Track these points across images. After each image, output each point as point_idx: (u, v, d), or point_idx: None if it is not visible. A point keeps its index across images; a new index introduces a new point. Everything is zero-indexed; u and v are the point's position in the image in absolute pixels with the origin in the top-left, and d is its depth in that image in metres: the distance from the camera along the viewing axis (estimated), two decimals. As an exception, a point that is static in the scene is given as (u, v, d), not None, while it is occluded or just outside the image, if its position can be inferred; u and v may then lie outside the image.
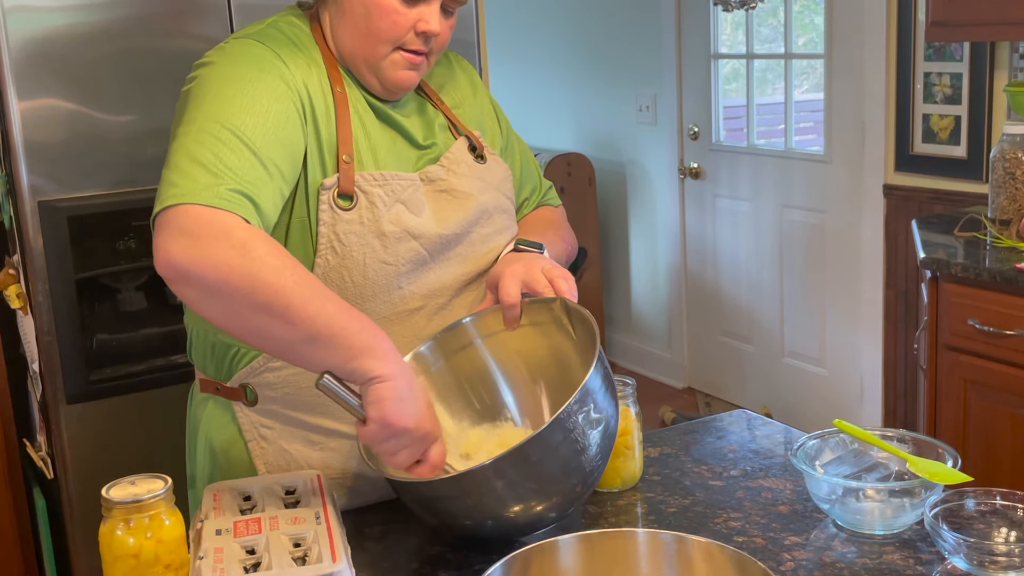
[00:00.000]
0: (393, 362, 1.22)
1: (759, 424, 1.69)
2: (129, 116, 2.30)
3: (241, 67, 1.35)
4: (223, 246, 1.19)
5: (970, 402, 2.62)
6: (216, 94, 1.32)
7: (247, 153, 1.27)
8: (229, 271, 1.18)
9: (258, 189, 1.26)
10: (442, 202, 1.46)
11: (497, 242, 1.52)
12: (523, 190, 1.67)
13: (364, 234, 1.38)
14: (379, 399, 1.20)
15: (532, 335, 1.45)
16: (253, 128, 1.29)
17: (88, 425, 2.32)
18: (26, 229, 2.23)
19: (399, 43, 1.41)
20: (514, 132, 1.69)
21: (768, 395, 4.34)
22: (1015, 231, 2.70)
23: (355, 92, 1.45)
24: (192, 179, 1.23)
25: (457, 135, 1.54)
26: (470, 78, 1.64)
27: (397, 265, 1.40)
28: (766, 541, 1.29)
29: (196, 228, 1.20)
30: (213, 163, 1.25)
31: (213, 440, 1.49)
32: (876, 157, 3.63)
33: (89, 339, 2.34)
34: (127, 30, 2.27)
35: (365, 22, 1.40)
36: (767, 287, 4.28)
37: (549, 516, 1.27)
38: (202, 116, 1.30)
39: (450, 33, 1.47)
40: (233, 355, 1.44)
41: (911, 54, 3.44)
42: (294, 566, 1.12)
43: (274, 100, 1.33)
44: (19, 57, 2.17)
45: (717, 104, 4.42)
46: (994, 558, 1.17)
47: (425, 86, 1.56)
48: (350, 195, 1.38)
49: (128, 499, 1.13)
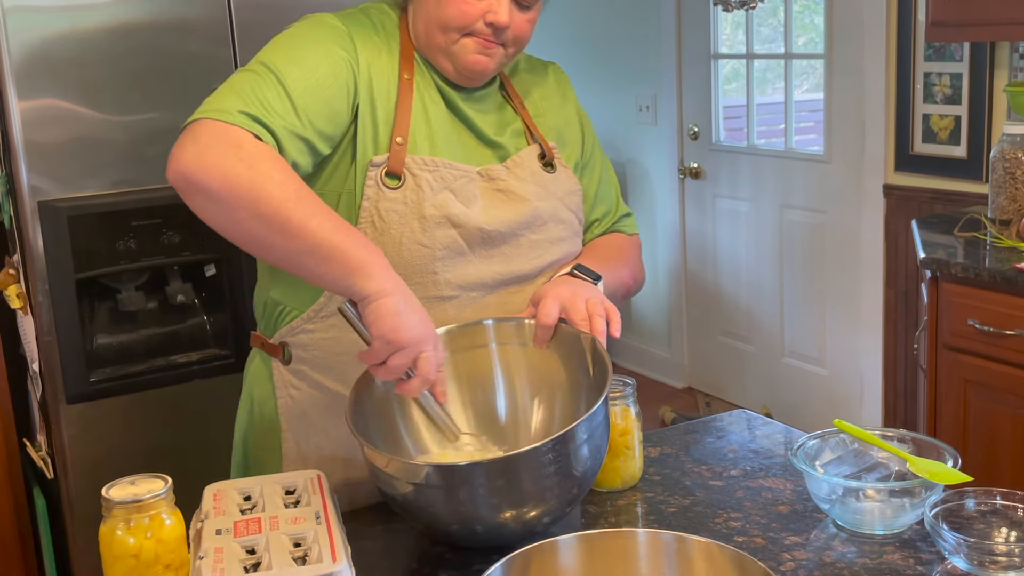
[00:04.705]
0: (387, 278, 1.27)
1: (759, 424, 1.69)
2: (129, 116, 2.30)
3: (309, 30, 1.44)
4: (232, 157, 1.25)
5: (970, 402, 2.62)
6: (276, 45, 1.42)
7: (282, 94, 1.35)
8: (236, 180, 1.24)
9: (283, 127, 1.33)
10: (496, 200, 1.49)
11: (548, 251, 1.52)
12: (595, 210, 1.66)
13: (405, 214, 1.42)
14: (378, 316, 1.24)
15: (550, 359, 1.44)
16: (296, 77, 1.36)
17: (88, 425, 2.32)
18: (26, 229, 2.23)
19: (468, 31, 1.44)
20: (601, 152, 1.70)
21: (768, 395, 4.34)
22: (1015, 231, 2.69)
23: (427, 80, 1.49)
24: (221, 100, 1.32)
25: (531, 141, 1.55)
26: (562, 91, 1.65)
27: (433, 249, 1.43)
28: (766, 541, 1.29)
29: (210, 139, 1.27)
30: (247, 93, 1.33)
31: (253, 393, 1.58)
32: (876, 157, 3.63)
33: (89, 339, 2.34)
34: (127, 30, 2.27)
35: (436, 10, 1.44)
36: (767, 287, 4.28)
37: (512, 529, 1.25)
38: (256, 60, 1.40)
39: (528, 28, 1.48)
40: (279, 313, 1.50)
41: (911, 54, 3.44)
42: (294, 566, 1.12)
43: (326, 63, 1.40)
44: (19, 57, 2.17)
45: (717, 104, 4.42)
46: (994, 558, 1.17)
47: (510, 87, 1.58)
48: (398, 175, 1.42)
49: (128, 499, 1.13)
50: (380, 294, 1.25)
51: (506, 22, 1.43)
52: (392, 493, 1.26)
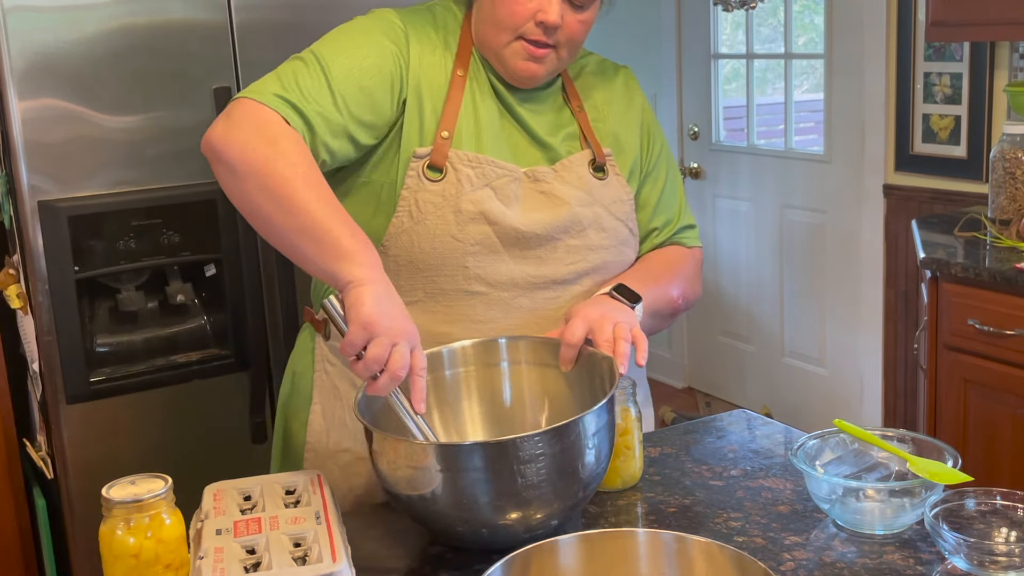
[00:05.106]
0: (372, 269, 1.28)
1: (759, 424, 1.69)
2: (129, 116, 2.30)
3: (364, 23, 1.50)
4: (255, 134, 1.33)
5: (970, 402, 2.62)
6: (330, 35, 1.48)
7: (322, 82, 1.41)
8: (252, 154, 1.32)
9: (316, 113, 1.39)
10: (537, 201, 1.49)
11: (586, 258, 1.51)
12: (655, 218, 1.64)
13: (442, 206, 1.44)
14: (356, 301, 1.24)
15: (568, 379, 1.43)
16: (339, 66, 1.42)
17: (88, 425, 2.32)
18: (26, 229, 2.23)
19: (519, 32, 1.45)
20: (669, 162, 1.67)
21: (768, 395, 4.34)
22: (1015, 231, 2.69)
23: (482, 78, 1.51)
24: (264, 83, 1.40)
25: (584, 146, 1.55)
26: (628, 96, 1.63)
27: (465, 244, 1.44)
28: (766, 541, 1.29)
29: (241, 116, 1.36)
30: (287, 78, 1.40)
31: (295, 364, 1.64)
32: (876, 157, 3.63)
33: (89, 339, 2.34)
34: (127, 30, 2.26)
35: (490, 10, 1.47)
36: (767, 287, 4.28)
37: (516, 532, 1.24)
38: (309, 48, 1.46)
39: (581, 30, 1.48)
40: (325, 289, 1.52)
41: (911, 54, 3.44)
42: (294, 566, 1.12)
43: (373, 54, 1.45)
44: (19, 57, 2.17)
45: (717, 104, 4.42)
46: (994, 558, 1.17)
47: (570, 89, 1.58)
48: (440, 168, 1.45)
49: (128, 499, 1.13)
50: (362, 282, 1.25)
51: (556, 21, 1.43)
52: (394, 486, 1.25)
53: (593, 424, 1.24)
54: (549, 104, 1.56)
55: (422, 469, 1.20)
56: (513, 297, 1.48)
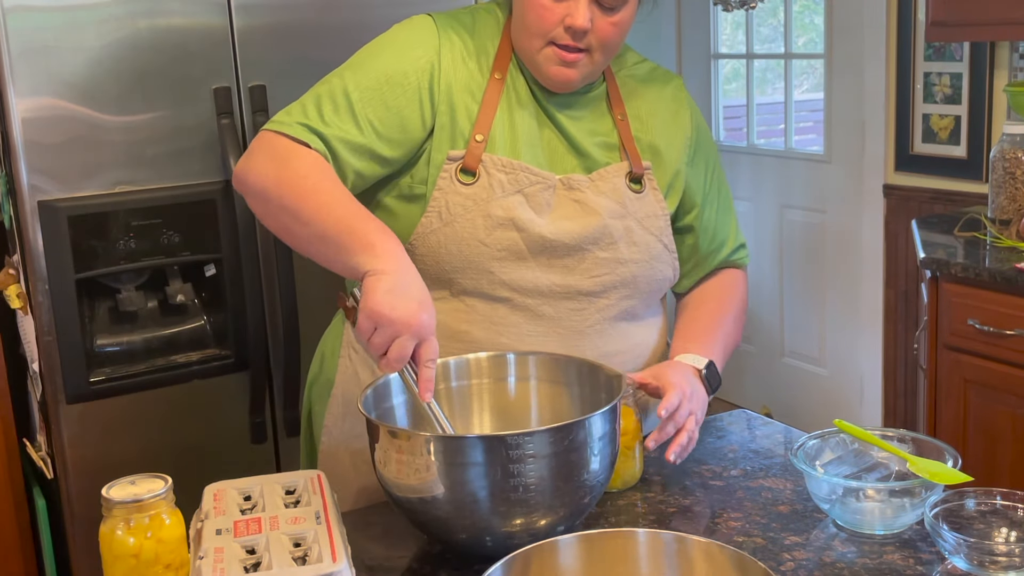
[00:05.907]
0: (391, 259, 1.28)
1: (759, 424, 1.69)
2: (129, 116, 2.30)
3: (396, 33, 1.51)
4: (268, 160, 1.39)
5: (970, 402, 2.62)
6: (361, 52, 1.50)
7: (344, 104, 1.43)
8: (265, 178, 1.37)
9: (337, 137, 1.42)
10: (569, 210, 1.48)
11: (615, 271, 1.50)
12: (714, 242, 1.65)
13: (472, 210, 1.44)
14: (369, 290, 1.25)
15: (570, 395, 1.42)
16: (363, 87, 1.44)
17: (88, 425, 2.32)
18: (26, 229, 2.23)
19: (549, 37, 1.44)
20: (722, 180, 1.68)
21: (768, 395, 4.34)
22: (1015, 231, 2.69)
23: (520, 83, 1.50)
24: (287, 112, 1.44)
25: (623, 157, 1.53)
26: (675, 108, 1.61)
27: (492, 248, 1.44)
28: (766, 541, 1.29)
29: (257, 147, 1.41)
30: (309, 104, 1.44)
31: (325, 346, 1.66)
32: (876, 157, 3.63)
33: (89, 339, 2.33)
34: (127, 30, 2.26)
35: (521, 16, 1.46)
36: (767, 287, 4.28)
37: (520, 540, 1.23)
38: (339, 66, 1.49)
39: (614, 32, 1.44)
40: None
41: (911, 54, 3.44)
42: (294, 566, 1.12)
43: (400, 68, 1.46)
44: (19, 57, 2.17)
45: (717, 104, 4.42)
46: (994, 558, 1.17)
47: (615, 96, 1.56)
48: (473, 171, 1.45)
49: (128, 499, 1.12)
50: (378, 271, 1.25)
51: (584, 25, 1.41)
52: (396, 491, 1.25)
53: (597, 428, 1.24)
54: (590, 111, 1.54)
55: (422, 462, 1.20)
56: (537, 305, 1.47)
